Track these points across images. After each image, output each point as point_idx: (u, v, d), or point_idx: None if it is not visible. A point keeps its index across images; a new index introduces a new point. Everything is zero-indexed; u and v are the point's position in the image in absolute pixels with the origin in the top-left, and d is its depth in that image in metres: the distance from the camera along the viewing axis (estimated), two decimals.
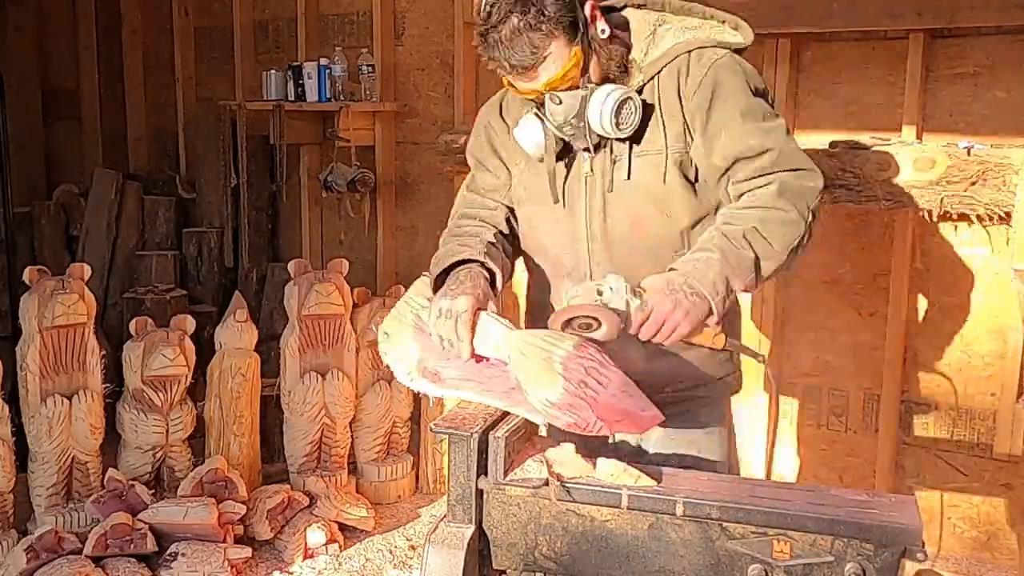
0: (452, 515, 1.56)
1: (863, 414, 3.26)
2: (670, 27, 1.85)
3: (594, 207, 1.86)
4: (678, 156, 1.81)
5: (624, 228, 1.84)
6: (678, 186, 1.81)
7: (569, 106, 1.76)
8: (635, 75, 1.83)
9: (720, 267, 1.66)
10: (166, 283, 4.66)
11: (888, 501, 1.45)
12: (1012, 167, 2.70)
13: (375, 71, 4.21)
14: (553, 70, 1.72)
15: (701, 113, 1.78)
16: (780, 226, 1.72)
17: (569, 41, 1.71)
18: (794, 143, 1.80)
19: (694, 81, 1.79)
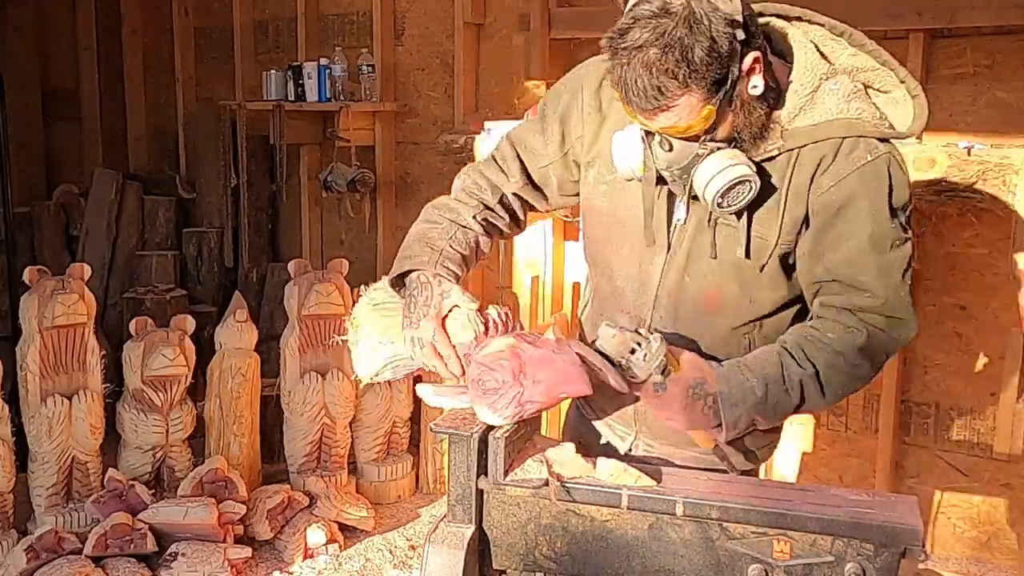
0: (452, 515, 1.56)
1: (863, 414, 3.26)
2: (836, 85, 1.56)
3: (676, 262, 1.63)
4: (785, 248, 1.58)
5: (700, 294, 1.63)
6: (772, 278, 1.60)
7: (679, 156, 1.51)
8: (774, 138, 1.54)
9: (754, 406, 1.52)
10: (166, 283, 4.66)
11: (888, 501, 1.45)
12: (1012, 167, 2.70)
13: (375, 71, 4.21)
14: (674, 121, 1.44)
15: (825, 216, 1.54)
16: (844, 380, 1.56)
17: (707, 97, 1.42)
18: (907, 285, 1.57)
19: (832, 178, 1.53)
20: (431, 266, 1.66)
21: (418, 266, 1.66)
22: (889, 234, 1.54)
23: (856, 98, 1.56)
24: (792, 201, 1.55)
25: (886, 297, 1.54)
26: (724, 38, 1.40)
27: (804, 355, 1.54)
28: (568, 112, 1.73)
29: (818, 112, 1.54)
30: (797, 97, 1.54)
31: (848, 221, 1.54)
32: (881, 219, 1.53)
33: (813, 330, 1.57)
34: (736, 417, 1.52)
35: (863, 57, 1.61)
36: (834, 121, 1.54)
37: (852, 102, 1.55)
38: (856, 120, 1.54)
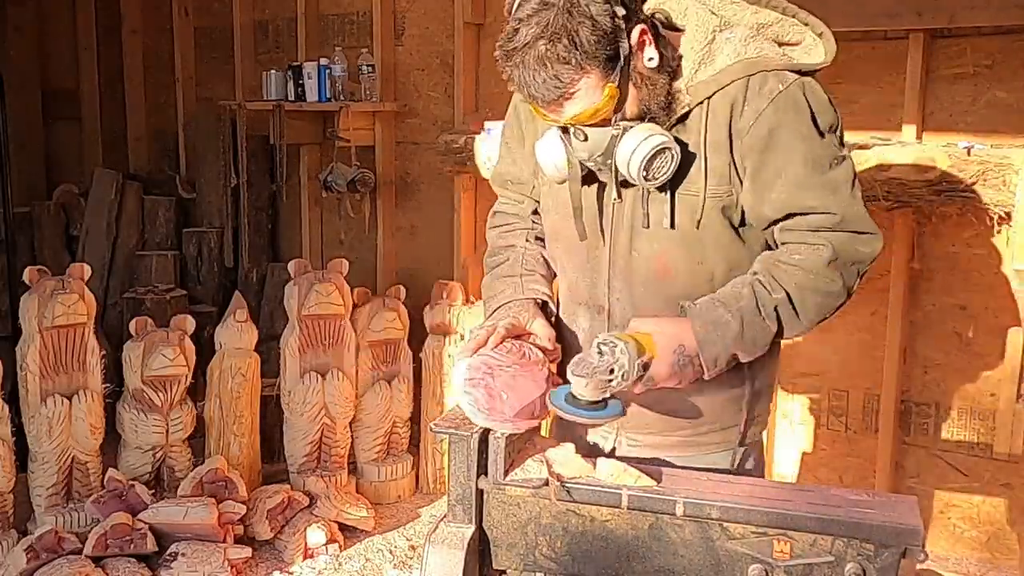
0: (452, 515, 1.56)
1: (863, 414, 3.26)
2: (732, 34, 1.58)
3: (619, 240, 1.65)
4: (718, 200, 1.58)
5: (650, 270, 1.64)
6: (714, 232, 1.60)
7: (596, 143, 1.55)
8: (681, 99, 1.57)
9: (733, 340, 1.53)
10: (166, 283, 4.66)
11: (888, 501, 1.45)
12: (1012, 167, 2.70)
13: (375, 71, 4.21)
14: (580, 107, 1.49)
15: (754, 155, 1.55)
16: (818, 298, 1.56)
17: (604, 76, 1.47)
18: (858, 198, 1.57)
19: (750, 116, 1.54)
20: (519, 294, 1.73)
21: (505, 300, 1.73)
22: (824, 153, 1.56)
23: (753, 40, 1.58)
24: (712, 151, 1.57)
25: (841, 212, 1.55)
26: (605, 16, 1.45)
27: (775, 280, 1.55)
28: (515, 132, 1.83)
29: (718, 61, 1.56)
30: (693, 53, 1.57)
31: (778, 153, 1.54)
32: (811, 141, 1.55)
33: (779, 255, 1.59)
34: (715, 355, 1.53)
35: (764, 12, 1.64)
36: (735, 64, 1.56)
37: (749, 44, 1.57)
38: (757, 58, 1.56)
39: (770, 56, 1.57)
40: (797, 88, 1.55)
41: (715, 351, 1.53)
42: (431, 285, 3.84)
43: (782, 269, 1.56)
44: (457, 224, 4.01)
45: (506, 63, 1.49)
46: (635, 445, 1.77)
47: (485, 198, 3.90)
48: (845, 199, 1.56)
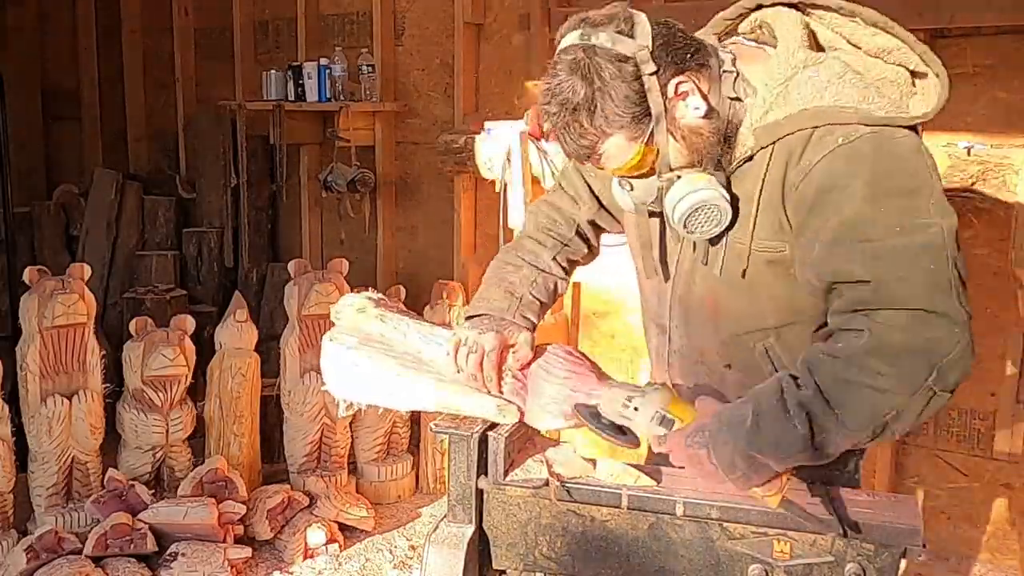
0: (452, 515, 1.56)
1: None
2: (816, 73, 1.44)
3: (682, 272, 1.61)
4: (767, 254, 1.48)
5: (703, 302, 1.59)
6: (764, 283, 1.50)
7: (644, 192, 1.50)
8: (744, 140, 1.47)
9: (745, 442, 1.34)
10: (166, 283, 4.66)
11: (888, 501, 1.45)
12: (1012, 167, 2.70)
13: (375, 71, 4.21)
14: (615, 163, 1.47)
15: (799, 216, 1.42)
16: (862, 393, 1.30)
17: (633, 136, 1.42)
18: (923, 268, 1.31)
19: (802, 171, 1.40)
20: (509, 314, 1.69)
21: (495, 312, 1.69)
22: (877, 219, 1.33)
23: (839, 83, 1.43)
24: (766, 203, 1.46)
25: (882, 285, 1.32)
26: (628, 80, 1.40)
27: (807, 371, 1.36)
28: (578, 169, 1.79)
29: (791, 102, 1.44)
30: (767, 91, 1.46)
31: (823, 213, 1.38)
32: (862, 201, 1.35)
33: (825, 344, 1.41)
34: (728, 457, 1.35)
35: (885, 37, 1.52)
36: (804, 111, 1.42)
37: (830, 88, 1.42)
38: (829, 108, 1.41)
39: (845, 107, 1.41)
40: (865, 143, 1.38)
41: (727, 449, 1.36)
42: (431, 285, 3.85)
43: (821, 360, 1.36)
44: (457, 224, 4.01)
45: (546, 120, 1.48)
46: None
47: (485, 198, 3.90)
48: (893, 270, 1.31)
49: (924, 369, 1.29)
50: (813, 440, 1.33)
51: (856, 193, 1.35)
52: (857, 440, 1.35)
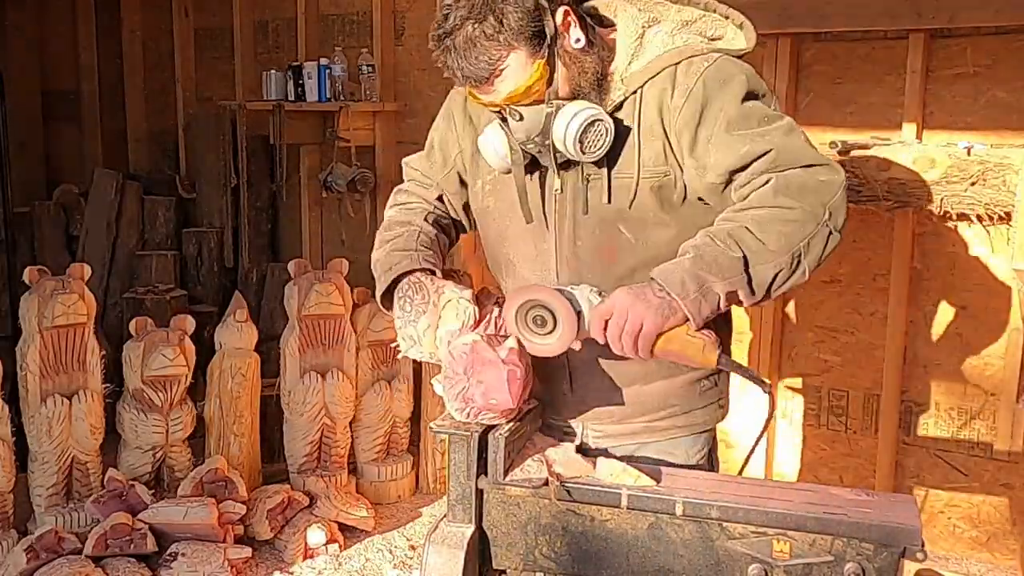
0: (452, 515, 1.56)
1: (863, 414, 3.26)
2: (660, 28, 1.66)
3: (564, 228, 1.70)
4: (654, 180, 1.63)
5: (594, 253, 1.69)
6: (652, 212, 1.64)
7: (532, 123, 1.60)
8: (616, 88, 1.64)
9: (691, 265, 1.51)
10: (166, 283, 4.66)
11: (888, 501, 1.45)
12: (1012, 167, 2.70)
13: (375, 71, 4.21)
14: (512, 84, 1.56)
15: (689, 132, 1.60)
16: (778, 224, 1.52)
17: (532, 53, 1.54)
18: (799, 139, 1.59)
19: (680, 96, 1.60)
20: (416, 264, 1.73)
21: (403, 270, 1.73)
22: (752, 113, 1.58)
23: (680, 32, 1.65)
24: (646, 136, 1.62)
25: (777, 147, 1.55)
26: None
27: (726, 220, 1.57)
28: (444, 137, 1.88)
29: (648, 53, 1.64)
30: (626, 46, 1.65)
31: (708, 124, 1.59)
32: (737, 105, 1.59)
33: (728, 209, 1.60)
34: (680, 283, 1.49)
35: (688, 10, 1.70)
36: (665, 54, 1.63)
37: (676, 36, 1.65)
38: (684, 46, 1.64)
39: (696, 45, 1.65)
40: (722, 63, 1.62)
41: (677, 276, 1.50)
42: None
43: (733, 215, 1.57)
44: None
45: (438, 49, 1.57)
46: (600, 435, 1.80)
47: None
48: (779, 137, 1.57)
49: (820, 205, 1.54)
50: (747, 264, 1.51)
51: (731, 99, 1.59)
52: (780, 266, 1.53)
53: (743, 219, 1.54)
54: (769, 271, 1.52)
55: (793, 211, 1.52)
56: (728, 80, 1.60)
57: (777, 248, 1.52)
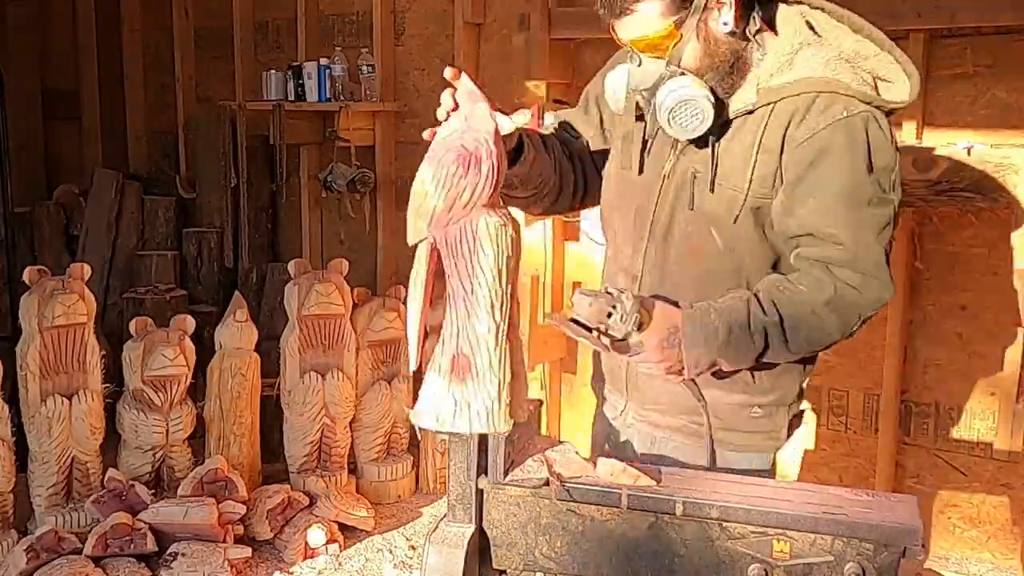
0: (452, 515, 1.56)
1: (863, 414, 3.26)
2: (817, 53, 1.61)
3: (662, 214, 1.71)
4: (757, 201, 1.63)
5: (684, 248, 1.70)
6: (747, 230, 1.65)
7: (646, 75, 1.61)
8: (748, 94, 1.62)
9: (718, 347, 1.57)
10: (166, 283, 4.67)
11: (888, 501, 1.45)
12: (1012, 167, 2.71)
13: (375, 71, 4.21)
14: (638, 30, 1.57)
15: (798, 170, 1.59)
16: (809, 333, 1.59)
17: (669, 11, 1.54)
18: (880, 244, 1.60)
19: (806, 132, 1.58)
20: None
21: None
22: (863, 190, 1.57)
23: (837, 63, 1.61)
24: (764, 154, 1.61)
25: (855, 251, 1.57)
26: None
27: (772, 303, 1.58)
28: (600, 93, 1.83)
29: (796, 71, 1.60)
30: (776, 58, 1.62)
31: (820, 174, 1.57)
32: (855, 173, 1.57)
33: (785, 281, 1.62)
34: (697, 356, 1.57)
35: (866, 43, 1.66)
36: (810, 78, 1.59)
37: (830, 65, 1.60)
38: (833, 79, 1.59)
39: (846, 82, 1.59)
40: (861, 120, 1.58)
41: (697, 353, 1.57)
42: None
43: (782, 295, 1.60)
44: None
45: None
46: (639, 419, 1.84)
47: None
48: (866, 241, 1.58)
49: (856, 318, 1.61)
50: (761, 355, 1.59)
51: (851, 164, 1.56)
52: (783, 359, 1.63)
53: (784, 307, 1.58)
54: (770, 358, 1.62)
55: (829, 324, 1.59)
56: (858, 140, 1.57)
57: (795, 352, 1.62)
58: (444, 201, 1.53)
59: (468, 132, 1.55)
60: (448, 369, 1.50)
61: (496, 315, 1.49)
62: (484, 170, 1.51)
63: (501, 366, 1.48)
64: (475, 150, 1.52)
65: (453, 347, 1.51)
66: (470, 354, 1.49)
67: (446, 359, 1.50)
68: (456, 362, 1.50)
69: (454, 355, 1.50)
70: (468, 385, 1.48)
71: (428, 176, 1.54)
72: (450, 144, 1.53)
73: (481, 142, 1.52)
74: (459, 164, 1.52)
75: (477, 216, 1.51)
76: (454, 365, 1.50)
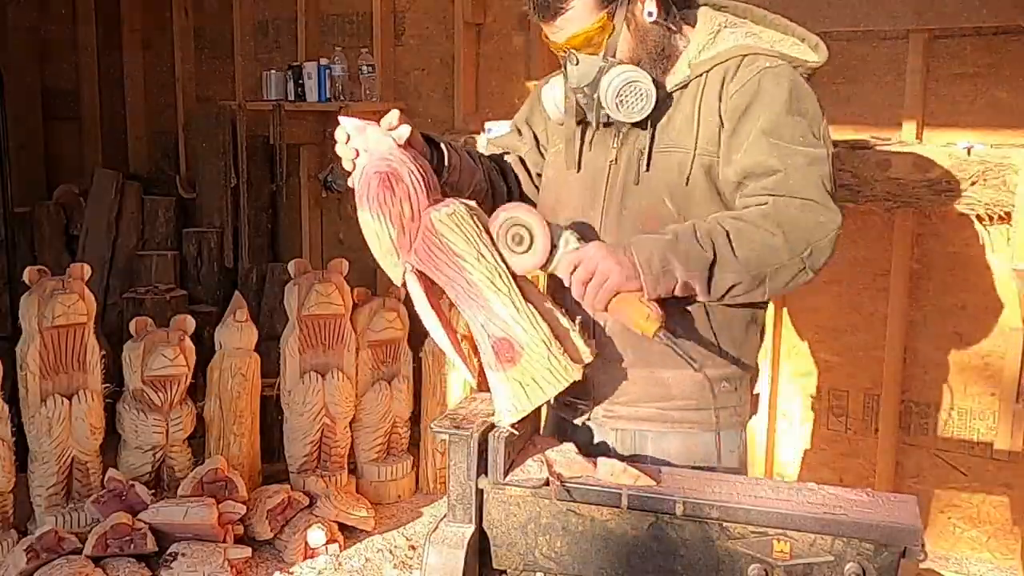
0: (452, 515, 1.56)
1: (863, 414, 3.26)
2: (735, 30, 1.75)
3: (613, 196, 1.75)
4: (707, 159, 1.69)
5: (638, 222, 1.72)
6: (701, 190, 1.70)
7: (584, 72, 1.69)
8: (682, 70, 1.73)
9: (664, 247, 1.59)
10: (166, 283, 4.66)
11: (888, 501, 1.45)
12: (1012, 167, 2.70)
13: (375, 71, 4.21)
14: (574, 27, 1.66)
15: (732, 119, 1.67)
16: (753, 243, 1.60)
17: (599, 5, 1.65)
18: (817, 172, 1.63)
19: (737, 83, 1.68)
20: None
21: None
22: (791, 127, 1.64)
23: (753, 38, 1.73)
24: (704, 114, 1.69)
25: (789, 175, 1.61)
26: None
27: (716, 223, 1.63)
28: (531, 114, 1.98)
29: (719, 46, 1.73)
30: (699, 39, 1.74)
31: (750, 120, 1.66)
32: (782, 115, 1.64)
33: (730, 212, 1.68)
34: (647, 259, 1.57)
35: (768, 32, 1.78)
36: (735, 47, 1.72)
37: (748, 39, 1.73)
38: (755, 45, 1.72)
39: (766, 46, 1.73)
40: (784, 69, 1.69)
41: (647, 250, 1.58)
42: None
43: (725, 219, 1.64)
44: None
45: None
46: (611, 416, 1.80)
47: None
48: (797, 166, 1.62)
49: (803, 242, 1.61)
50: (713, 266, 1.59)
51: (778, 105, 1.65)
52: (741, 280, 1.61)
53: (727, 224, 1.62)
54: (728, 279, 1.61)
55: (775, 238, 1.60)
56: (783, 85, 1.67)
57: (744, 263, 1.60)
58: (393, 226, 1.57)
59: (373, 158, 1.62)
60: (496, 361, 1.55)
61: (501, 286, 1.55)
62: (407, 178, 1.59)
63: (535, 323, 1.54)
64: (388, 168, 1.59)
65: (488, 340, 1.55)
66: (505, 334, 1.54)
67: (489, 354, 1.55)
68: (498, 350, 1.54)
69: (493, 345, 1.54)
70: (521, 362, 1.54)
71: (367, 216, 1.59)
72: (367, 178, 1.59)
73: (389, 157, 1.61)
74: (382, 188, 1.57)
75: (429, 219, 1.56)
76: (498, 354, 1.55)
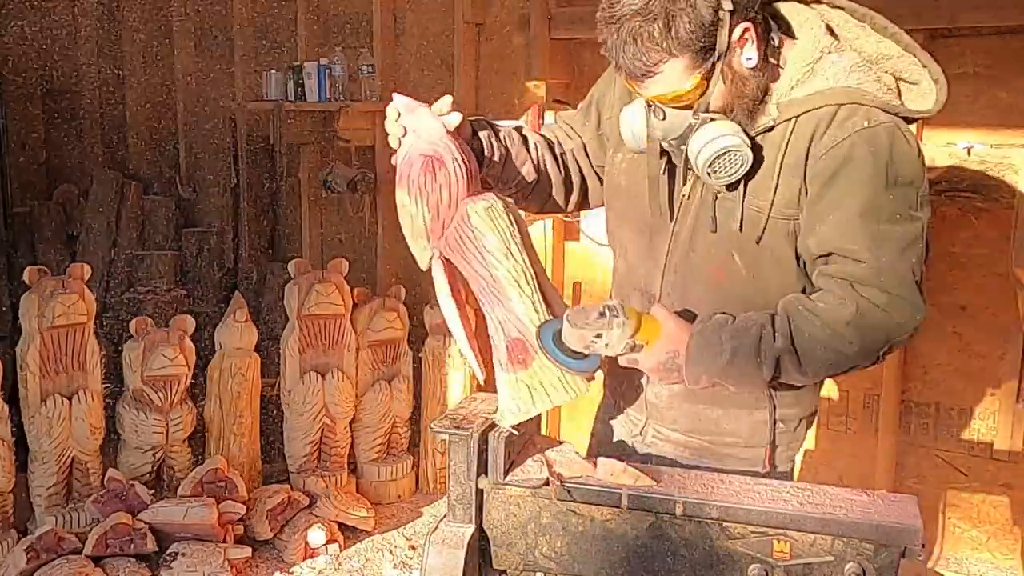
0: (452, 515, 1.56)
1: (863, 414, 3.26)
2: (839, 59, 1.54)
3: (681, 236, 1.63)
4: (783, 221, 1.55)
5: (705, 273, 1.62)
6: (775, 253, 1.57)
7: (673, 126, 1.54)
8: (769, 111, 1.54)
9: (719, 371, 1.52)
10: (166, 283, 4.66)
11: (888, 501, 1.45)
12: (1012, 167, 2.70)
13: (375, 71, 4.21)
14: (662, 88, 1.48)
15: (817, 185, 1.51)
16: (829, 355, 1.50)
17: (694, 66, 1.46)
18: (908, 262, 1.49)
19: (826, 145, 1.50)
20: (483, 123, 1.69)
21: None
22: (886, 205, 1.48)
23: (859, 71, 1.54)
24: (787, 172, 1.53)
25: (879, 268, 1.48)
26: (708, 7, 1.43)
27: (788, 325, 1.51)
28: (603, 96, 1.80)
29: (816, 82, 1.53)
30: (795, 69, 1.54)
31: (840, 188, 1.49)
32: (877, 187, 1.48)
33: (806, 299, 1.54)
34: (696, 378, 1.53)
35: (888, 43, 1.61)
36: (830, 89, 1.52)
37: (853, 74, 1.53)
38: (855, 89, 1.52)
39: (869, 91, 1.53)
40: (884, 131, 1.51)
41: (698, 372, 1.53)
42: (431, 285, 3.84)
43: (801, 316, 1.51)
44: None
45: (602, 28, 1.47)
46: (659, 438, 1.78)
47: None
48: (890, 258, 1.48)
49: (883, 343, 1.51)
50: (771, 381, 1.53)
51: (872, 178, 1.48)
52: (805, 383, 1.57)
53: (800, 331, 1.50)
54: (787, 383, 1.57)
55: (851, 346, 1.50)
56: (879, 153, 1.49)
57: (812, 376, 1.54)
58: (429, 210, 1.54)
59: (420, 141, 1.56)
60: (507, 361, 1.52)
61: (525, 287, 1.51)
62: (450, 166, 1.53)
63: None
64: (433, 152, 1.54)
65: (503, 338, 1.53)
66: (521, 335, 1.50)
67: (503, 353, 1.53)
68: (512, 350, 1.52)
69: (507, 344, 1.52)
70: (533, 365, 1.51)
71: (405, 197, 1.56)
72: (410, 159, 1.55)
73: (435, 142, 1.54)
74: (425, 171, 1.53)
75: (465, 209, 1.51)
76: (511, 355, 1.52)
